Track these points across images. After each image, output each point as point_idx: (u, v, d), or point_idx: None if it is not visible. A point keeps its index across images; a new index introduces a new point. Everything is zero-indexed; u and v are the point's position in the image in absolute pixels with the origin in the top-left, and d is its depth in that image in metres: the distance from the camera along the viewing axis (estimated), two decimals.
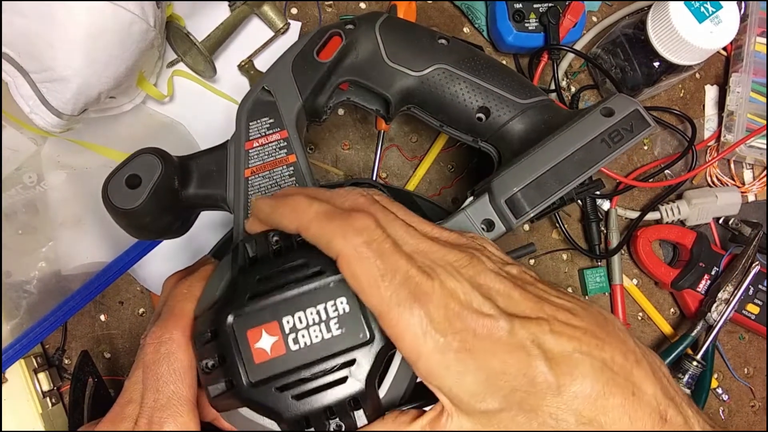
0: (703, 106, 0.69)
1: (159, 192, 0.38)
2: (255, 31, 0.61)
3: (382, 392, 0.32)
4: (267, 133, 0.41)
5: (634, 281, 0.65)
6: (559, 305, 0.29)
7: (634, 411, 0.27)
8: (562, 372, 0.27)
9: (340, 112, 0.62)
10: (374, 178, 0.60)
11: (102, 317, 0.57)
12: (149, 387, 0.34)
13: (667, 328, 0.65)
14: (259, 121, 0.41)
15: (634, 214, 0.64)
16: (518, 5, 0.61)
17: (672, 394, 0.29)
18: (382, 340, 0.30)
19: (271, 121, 0.41)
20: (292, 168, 0.40)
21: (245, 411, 0.33)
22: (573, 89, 0.66)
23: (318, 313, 0.30)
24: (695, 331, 0.61)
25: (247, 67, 0.59)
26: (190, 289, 0.36)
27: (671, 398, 0.28)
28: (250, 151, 0.41)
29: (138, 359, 0.35)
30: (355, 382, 0.30)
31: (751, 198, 0.68)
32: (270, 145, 0.41)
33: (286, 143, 0.41)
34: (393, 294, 0.28)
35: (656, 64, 0.59)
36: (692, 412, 0.29)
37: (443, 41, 0.45)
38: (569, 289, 0.64)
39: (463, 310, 0.27)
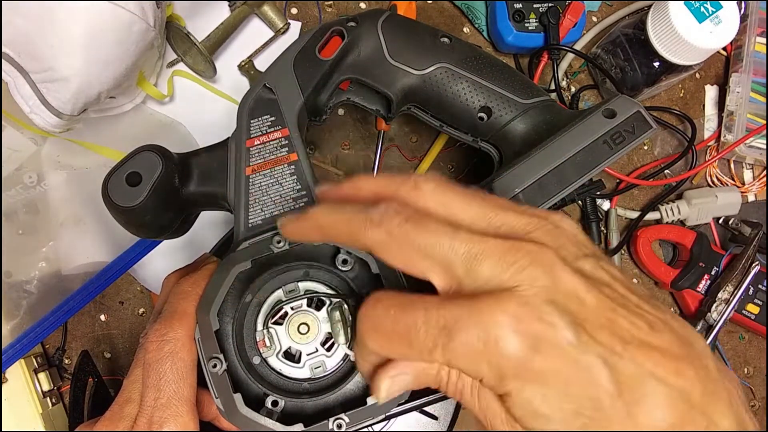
0: (703, 106, 0.69)
1: (159, 190, 0.38)
2: (255, 31, 0.61)
3: None
4: (268, 131, 0.41)
5: (634, 281, 0.65)
6: (637, 314, 0.25)
7: None
8: (633, 399, 0.23)
9: (340, 112, 0.62)
10: None
11: (102, 317, 0.57)
12: (150, 386, 0.34)
13: None
14: (260, 118, 0.41)
15: (634, 214, 0.64)
16: (518, 5, 0.61)
17: (746, 423, 0.25)
18: None
19: (273, 119, 0.41)
20: (293, 166, 0.40)
21: (246, 411, 0.33)
22: (573, 89, 0.66)
23: None
24: None
25: (247, 67, 0.59)
26: (194, 287, 0.36)
27: (745, 427, 0.25)
28: (251, 149, 0.40)
29: (137, 358, 0.35)
30: None
31: (751, 198, 0.68)
32: (271, 143, 0.41)
33: (287, 141, 0.41)
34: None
35: (656, 64, 0.59)
36: None
37: (445, 40, 0.45)
38: None
39: (529, 318, 0.24)
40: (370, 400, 0.34)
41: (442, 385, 0.27)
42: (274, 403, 0.35)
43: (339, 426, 0.33)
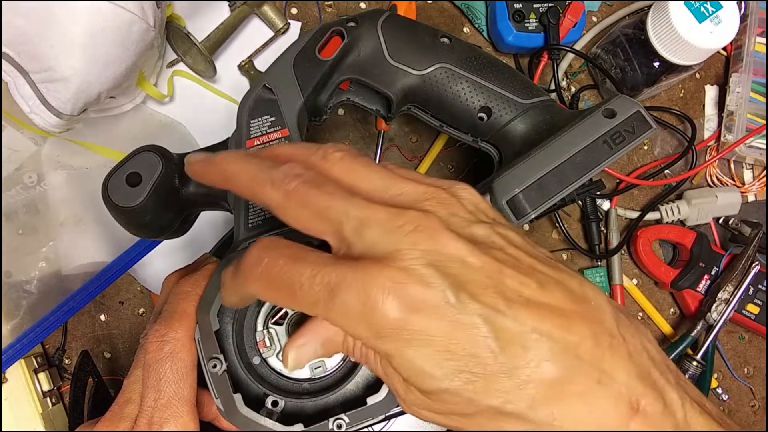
0: (703, 106, 0.69)
1: (159, 190, 0.38)
2: (255, 31, 0.61)
3: (382, 395, 0.33)
4: (268, 131, 0.41)
5: (634, 281, 0.65)
6: (527, 274, 0.26)
7: (594, 400, 0.24)
8: (514, 354, 0.24)
9: (340, 112, 0.62)
10: None
11: (102, 317, 0.57)
12: (150, 386, 0.34)
13: (667, 328, 0.65)
14: (260, 119, 0.41)
15: (634, 214, 0.64)
16: (518, 5, 0.61)
17: (654, 378, 0.26)
18: None
19: (272, 119, 0.41)
20: None
21: (246, 411, 0.33)
22: (573, 89, 0.66)
23: None
24: (695, 331, 0.61)
25: (247, 67, 0.59)
26: (194, 288, 0.36)
27: (651, 384, 0.25)
28: (251, 149, 0.40)
29: (137, 358, 0.35)
30: None
31: (751, 198, 0.68)
32: (271, 143, 0.41)
33: (287, 142, 0.41)
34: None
35: (656, 64, 0.59)
36: (678, 396, 0.26)
37: (445, 40, 0.45)
38: None
39: (409, 283, 0.24)
40: (370, 401, 0.34)
41: (349, 350, 0.28)
42: (274, 404, 0.35)
43: (339, 426, 0.33)
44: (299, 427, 0.34)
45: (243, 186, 0.29)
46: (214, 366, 0.34)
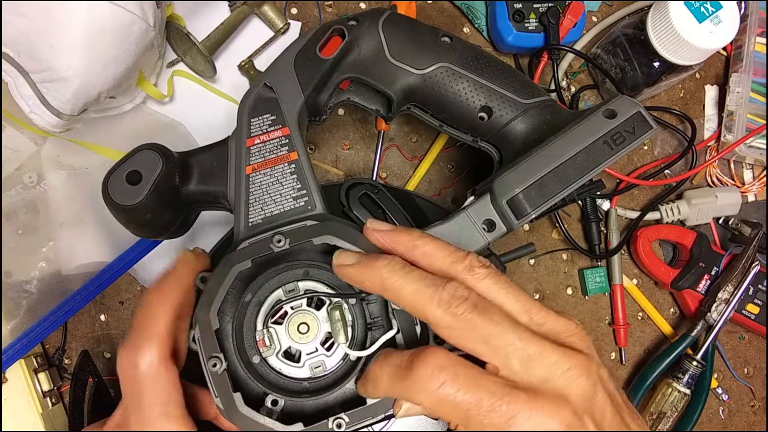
0: (703, 106, 0.69)
1: (159, 188, 0.38)
2: (255, 31, 0.61)
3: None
4: (268, 129, 0.41)
5: (634, 281, 0.65)
6: (628, 425, 0.31)
7: None
8: None
9: (340, 112, 0.62)
10: (374, 178, 0.60)
11: (102, 317, 0.57)
12: (133, 411, 0.33)
13: (667, 328, 0.65)
14: (260, 117, 0.41)
15: (634, 214, 0.64)
16: (518, 5, 0.61)
17: None
18: None
19: (273, 117, 0.41)
20: (293, 165, 0.40)
21: (245, 410, 0.33)
22: (573, 89, 0.66)
23: None
24: (695, 331, 0.61)
25: (247, 67, 0.59)
26: (161, 303, 0.34)
27: None
28: (252, 147, 0.40)
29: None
30: None
31: (751, 198, 0.68)
32: (271, 142, 0.41)
33: (287, 140, 0.41)
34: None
35: (656, 64, 0.59)
36: None
37: (446, 39, 0.45)
38: (569, 290, 0.64)
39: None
40: (369, 400, 0.34)
41: None
42: (274, 403, 0.35)
43: (339, 425, 0.33)
44: (299, 426, 0.34)
45: (406, 300, 0.32)
46: (214, 365, 0.34)
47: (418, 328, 0.35)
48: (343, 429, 0.33)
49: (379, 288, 0.33)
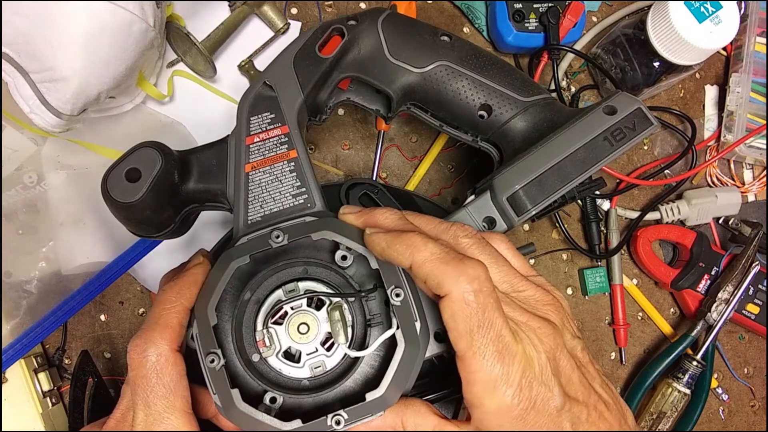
0: (703, 106, 0.69)
1: (159, 186, 0.38)
2: (255, 31, 0.61)
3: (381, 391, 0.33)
4: (268, 128, 0.41)
5: (634, 281, 0.65)
6: (599, 394, 0.35)
7: None
8: None
9: (340, 112, 0.62)
10: (374, 178, 0.60)
11: (102, 317, 0.57)
12: (139, 403, 0.33)
13: (667, 328, 0.65)
14: (260, 116, 0.41)
15: (634, 214, 0.64)
16: (518, 5, 0.61)
17: None
18: None
19: (272, 116, 0.41)
20: (293, 163, 0.40)
21: (243, 406, 0.33)
22: (573, 89, 0.66)
23: None
24: (695, 331, 0.61)
25: (247, 67, 0.59)
26: (178, 297, 0.35)
27: None
28: (251, 146, 0.40)
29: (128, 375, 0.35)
30: None
31: (751, 198, 0.68)
32: (271, 140, 0.41)
33: (287, 138, 0.41)
34: (483, 346, 0.31)
35: (656, 64, 0.59)
36: None
37: (446, 38, 0.45)
38: (569, 290, 0.64)
39: (535, 380, 0.31)
40: (368, 396, 0.34)
41: None
42: (273, 400, 0.35)
43: (337, 422, 0.33)
44: (297, 423, 0.34)
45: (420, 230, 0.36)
46: (212, 361, 0.34)
47: (418, 325, 0.35)
48: (341, 426, 0.33)
49: (407, 258, 0.34)
